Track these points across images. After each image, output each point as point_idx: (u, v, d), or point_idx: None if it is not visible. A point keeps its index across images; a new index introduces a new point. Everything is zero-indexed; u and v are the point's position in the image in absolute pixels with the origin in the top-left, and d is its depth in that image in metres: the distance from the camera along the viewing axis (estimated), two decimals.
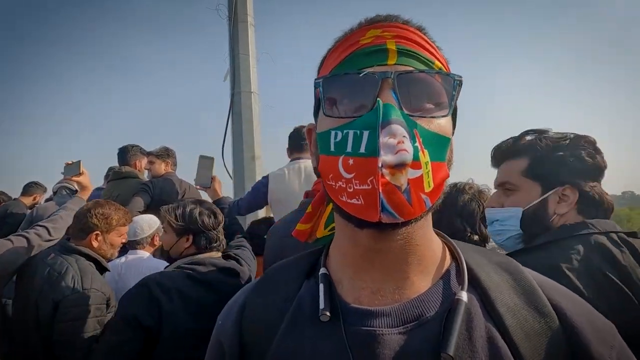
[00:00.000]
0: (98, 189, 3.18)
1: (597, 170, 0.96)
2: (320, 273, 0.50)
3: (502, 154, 1.05)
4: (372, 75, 0.43)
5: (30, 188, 3.70)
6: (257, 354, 0.48)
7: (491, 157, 1.09)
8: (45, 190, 3.80)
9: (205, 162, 2.09)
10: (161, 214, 1.55)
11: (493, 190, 1.11)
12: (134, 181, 2.92)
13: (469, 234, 1.36)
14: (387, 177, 0.39)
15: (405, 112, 0.42)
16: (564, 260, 0.83)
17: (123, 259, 2.11)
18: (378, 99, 0.42)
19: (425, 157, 0.41)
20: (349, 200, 0.42)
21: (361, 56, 0.46)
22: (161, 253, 2.19)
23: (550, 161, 0.95)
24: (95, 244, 1.71)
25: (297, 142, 2.39)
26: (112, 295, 1.64)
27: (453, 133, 0.51)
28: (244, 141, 3.56)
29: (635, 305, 0.78)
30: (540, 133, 1.00)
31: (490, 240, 1.52)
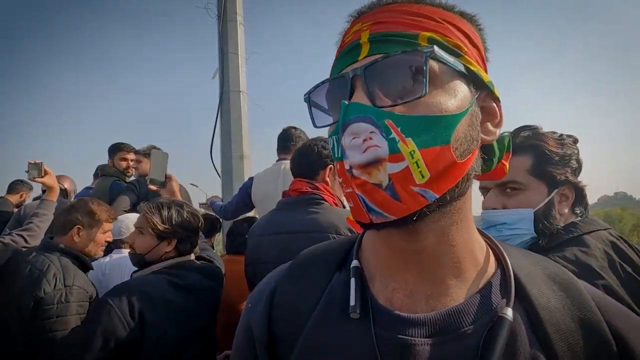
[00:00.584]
0: (88, 188, 3.17)
1: (581, 167, 0.97)
2: (352, 266, 0.47)
3: None
4: (342, 76, 0.42)
5: (16, 186, 3.68)
6: (286, 344, 0.46)
7: None
8: (31, 188, 3.77)
9: (159, 157, 1.84)
10: (141, 215, 1.45)
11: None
12: (107, 179, 2.95)
13: None
14: (363, 177, 0.38)
15: (379, 104, 0.39)
16: (592, 258, 0.82)
17: (107, 258, 2.11)
18: (342, 101, 0.39)
19: (409, 146, 0.37)
20: (349, 204, 0.42)
21: (340, 58, 0.45)
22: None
23: (556, 160, 0.92)
24: (76, 239, 1.69)
25: (283, 143, 2.40)
26: (95, 294, 1.63)
27: (495, 100, 0.45)
28: (233, 140, 3.56)
29: None
30: (536, 129, 0.97)
31: None
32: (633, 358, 0.39)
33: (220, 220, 2.78)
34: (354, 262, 0.48)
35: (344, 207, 1.90)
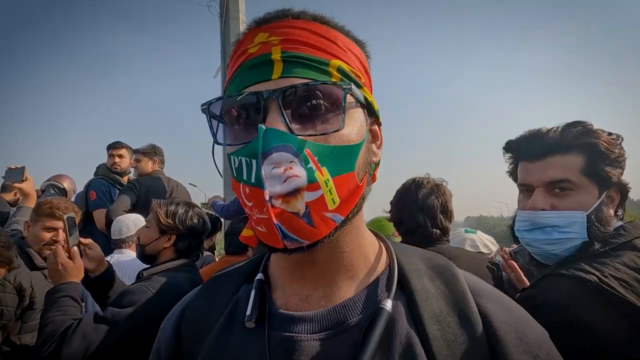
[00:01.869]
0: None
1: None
2: (256, 278, 0.50)
3: (546, 147, 0.89)
4: (254, 95, 0.40)
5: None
6: (189, 355, 0.48)
7: (522, 149, 0.94)
8: None
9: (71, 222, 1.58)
10: (151, 207, 1.48)
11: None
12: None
13: (430, 228, 1.37)
14: (282, 206, 0.38)
15: (295, 132, 0.39)
16: None
17: (109, 258, 2.09)
18: (260, 125, 0.38)
19: (324, 175, 0.39)
20: (257, 227, 0.41)
21: (246, 71, 0.43)
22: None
23: (608, 161, 0.85)
24: (25, 233, 1.66)
25: None
26: (28, 285, 1.55)
27: (378, 124, 0.48)
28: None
29: None
30: (589, 126, 0.88)
31: (450, 231, 1.51)
32: (496, 335, 0.43)
33: (222, 220, 2.76)
34: (259, 276, 0.51)
35: None
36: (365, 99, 0.45)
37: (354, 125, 0.43)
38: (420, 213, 1.38)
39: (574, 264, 0.80)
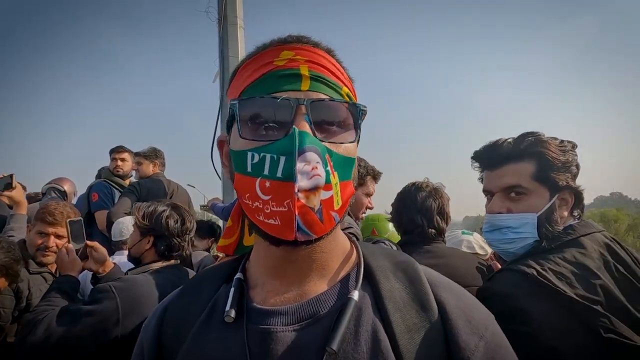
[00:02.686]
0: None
1: (579, 172, 1.00)
2: (235, 277, 0.54)
3: (501, 156, 1.00)
4: (287, 100, 0.45)
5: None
6: (170, 354, 0.52)
7: (482, 159, 1.05)
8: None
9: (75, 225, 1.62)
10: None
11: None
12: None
13: (426, 228, 1.48)
14: (303, 200, 0.43)
15: (318, 137, 0.46)
16: (589, 259, 0.86)
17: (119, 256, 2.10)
18: (294, 126, 0.44)
19: (335, 178, 0.46)
20: (266, 220, 0.45)
21: (275, 79, 0.48)
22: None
23: (558, 166, 0.95)
24: (26, 238, 1.69)
25: None
26: (25, 287, 1.56)
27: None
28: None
29: None
30: (539, 136, 0.99)
31: (447, 232, 1.61)
32: (449, 319, 0.48)
33: (220, 223, 2.80)
34: (238, 275, 0.55)
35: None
36: (360, 123, 0.52)
37: (353, 141, 0.50)
38: (418, 214, 1.49)
39: (523, 260, 0.90)
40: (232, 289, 0.52)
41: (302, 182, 0.42)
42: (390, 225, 2.42)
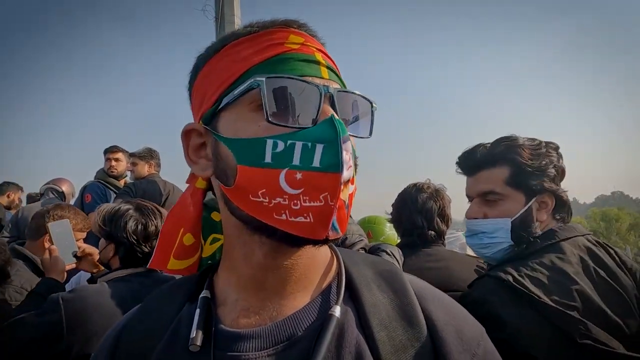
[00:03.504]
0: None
1: (564, 174, 0.99)
2: (200, 296, 0.47)
3: (476, 163, 1.01)
4: (316, 86, 0.41)
5: (2, 187, 3.69)
6: None
7: (462, 165, 1.06)
8: (19, 188, 3.78)
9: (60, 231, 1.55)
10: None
11: (463, 190, 1.07)
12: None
13: (426, 230, 1.46)
14: (340, 194, 0.39)
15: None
16: (567, 264, 0.85)
17: None
18: (332, 113, 0.40)
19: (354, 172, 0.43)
20: (292, 219, 0.39)
21: (294, 62, 0.43)
22: None
23: (532, 170, 0.95)
24: (47, 245, 1.58)
25: None
26: (28, 287, 1.48)
27: None
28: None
29: (627, 303, 0.83)
30: (513, 141, 0.99)
31: (447, 235, 1.60)
32: (438, 335, 0.44)
33: None
34: (204, 292, 0.48)
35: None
36: None
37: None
38: (418, 215, 1.47)
39: (502, 266, 0.91)
40: (198, 310, 0.45)
41: (345, 173, 0.38)
42: (387, 228, 2.39)
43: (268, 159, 0.39)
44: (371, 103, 0.47)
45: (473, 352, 0.44)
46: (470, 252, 2.03)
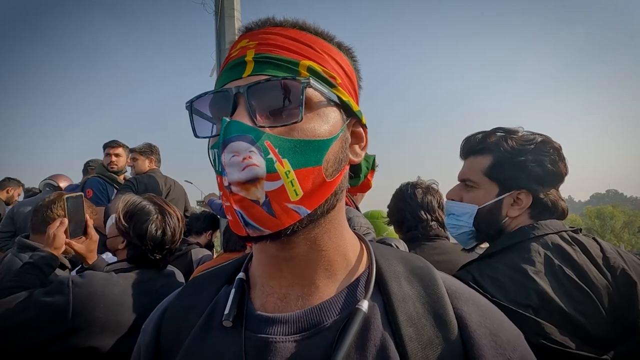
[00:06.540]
0: (75, 185, 3.15)
1: (557, 176, 0.95)
2: (237, 277, 0.51)
3: (468, 149, 1.05)
4: (226, 91, 0.43)
5: (3, 182, 3.67)
6: (168, 357, 0.49)
7: (460, 148, 1.08)
8: (20, 184, 3.76)
9: (74, 204, 1.53)
10: (118, 200, 1.34)
11: (450, 185, 1.11)
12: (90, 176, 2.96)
13: (430, 222, 1.51)
14: (241, 193, 0.39)
15: (259, 124, 0.41)
16: (529, 264, 0.85)
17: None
18: (223, 117, 0.41)
19: (284, 166, 0.40)
20: (227, 215, 0.43)
21: (225, 72, 0.46)
22: None
23: (512, 164, 0.94)
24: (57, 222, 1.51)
25: None
26: None
27: (363, 126, 0.50)
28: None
29: (594, 302, 0.81)
30: (509, 133, 0.98)
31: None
32: (471, 337, 0.43)
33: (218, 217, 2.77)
34: (240, 275, 0.51)
35: (356, 207, 1.86)
36: (340, 98, 0.46)
37: (322, 122, 0.44)
38: (421, 209, 1.51)
39: (468, 265, 0.94)
40: (233, 290, 0.49)
41: (232, 175, 0.39)
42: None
43: (213, 166, 0.44)
44: (299, 81, 0.42)
45: (508, 356, 0.42)
46: None
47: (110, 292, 1.15)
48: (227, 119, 0.40)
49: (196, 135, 0.46)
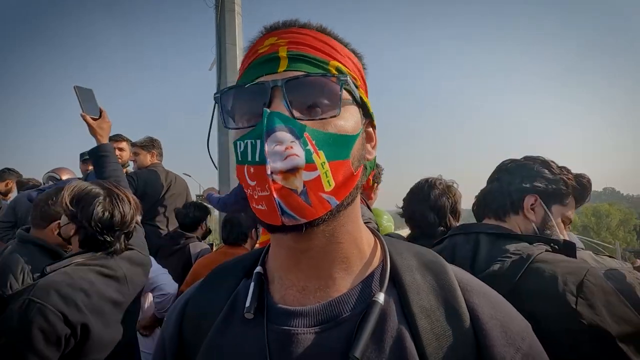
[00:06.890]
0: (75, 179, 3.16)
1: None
2: (255, 271, 0.52)
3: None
4: (262, 84, 0.44)
5: (2, 174, 3.66)
6: (192, 348, 0.51)
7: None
8: (19, 175, 3.76)
9: (85, 93, 1.69)
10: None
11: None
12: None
13: (438, 227, 1.47)
14: (281, 182, 0.41)
15: (296, 117, 0.43)
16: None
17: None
18: (265, 108, 0.42)
19: (320, 158, 0.42)
20: (256, 206, 0.44)
21: (256, 66, 0.47)
22: None
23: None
24: (56, 232, 1.49)
25: None
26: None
27: (373, 126, 0.53)
28: (229, 132, 3.57)
29: None
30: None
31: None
32: (482, 328, 0.45)
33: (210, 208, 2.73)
34: (257, 269, 0.53)
35: (367, 205, 1.86)
36: (361, 98, 0.49)
37: (349, 119, 0.46)
38: (431, 212, 1.46)
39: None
40: (252, 284, 0.50)
41: (275, 164, 0.40)
42: (384, 220, 2.44)
43: (239, 157, 0.45)
44: (336, 77, 0.45)
45: (518, 346, 0.44)
46: None
47: (76, 295, 1.10)
48: (268, 110, 0.42)
49: (226, 126, 0.48)
